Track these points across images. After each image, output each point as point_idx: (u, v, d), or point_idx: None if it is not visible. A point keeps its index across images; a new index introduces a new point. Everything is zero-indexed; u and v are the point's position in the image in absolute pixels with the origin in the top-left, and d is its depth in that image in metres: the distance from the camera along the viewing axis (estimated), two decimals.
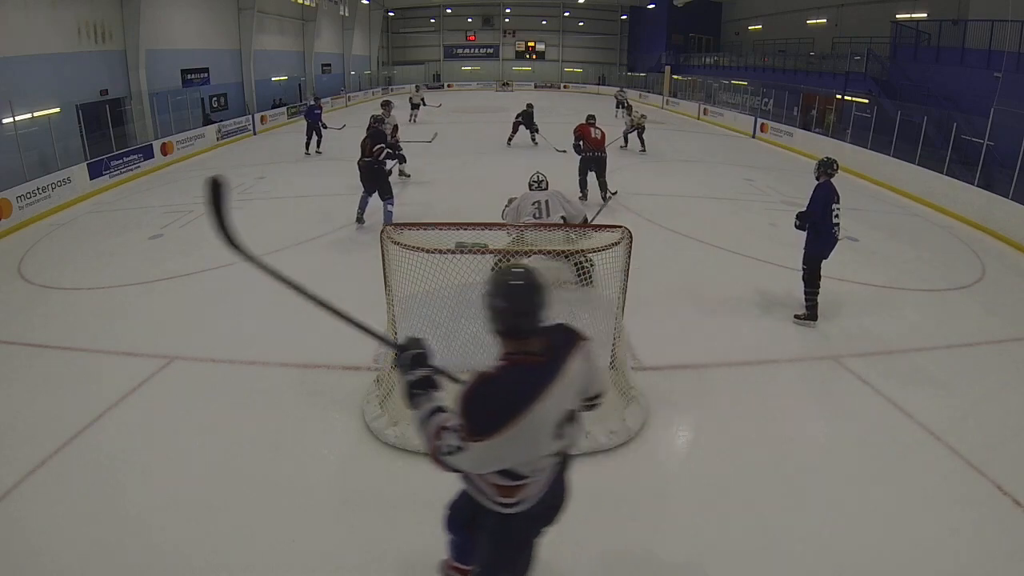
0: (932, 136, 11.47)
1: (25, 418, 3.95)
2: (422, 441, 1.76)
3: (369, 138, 7.61)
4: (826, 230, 5.14)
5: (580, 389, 1.82)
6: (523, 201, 5.79)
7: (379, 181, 7.59)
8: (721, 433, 3.86)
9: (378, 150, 7.51)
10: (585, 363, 1.80)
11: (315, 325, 5.20)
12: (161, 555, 2.86)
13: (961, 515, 3.18)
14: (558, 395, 1.69)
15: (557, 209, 5.66)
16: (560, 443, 1.79)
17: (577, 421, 1.83)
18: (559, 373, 1.71)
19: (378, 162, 7.51)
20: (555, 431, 1.73)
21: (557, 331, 1.83)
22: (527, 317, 1.72)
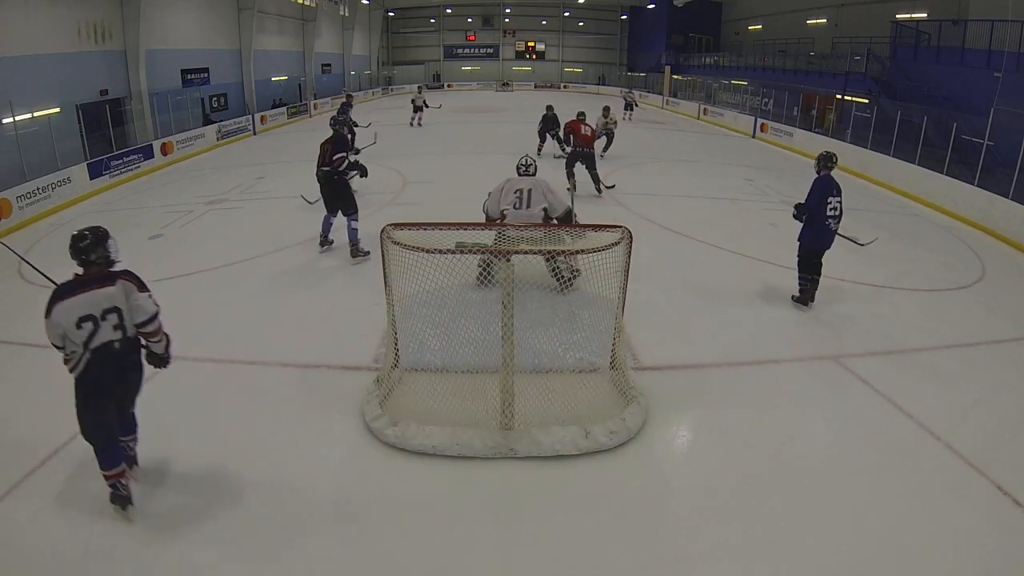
0: (932, 136, 11.47)
1: (25, 418, 3.95)
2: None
3: (330, 143, 6.48)
4: (820, 222, 5.36)
5: (107, 305, 2.92)
6: (507, 186, 5.61)
7: (340, 195, 6.54)
8: (721, 433, 3.86)
9: (339, 159, 6.39)
10: (121, 291, 3.02)
11: (315, 325, 5.25)
12: (161, 556, 2.86)
13: (961, 515, 3.18)
14: (78, 303, 2.84)
15: (539, 200, 5.45)
16: (99, 336, 2.85)
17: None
18: (81, 291, 2.88)
19: (338, 173, 6.43)
20: (81, 325, 2.80)
21: (107, 273, 3.11)
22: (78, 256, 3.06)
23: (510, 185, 5.60)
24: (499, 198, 5.58)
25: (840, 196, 5.42)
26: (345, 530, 3.08)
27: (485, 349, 3.83)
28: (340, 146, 6.46)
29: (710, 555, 2.91)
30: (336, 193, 6.52)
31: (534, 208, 5.41)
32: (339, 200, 6.55)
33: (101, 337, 2.83)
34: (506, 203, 5.46)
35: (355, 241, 6.59)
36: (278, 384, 4.32)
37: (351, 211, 6.56)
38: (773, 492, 3.33)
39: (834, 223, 5.40)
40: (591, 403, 3.81)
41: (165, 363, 3.25)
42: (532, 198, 5.44)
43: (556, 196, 5.59)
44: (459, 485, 3.35)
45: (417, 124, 18.24)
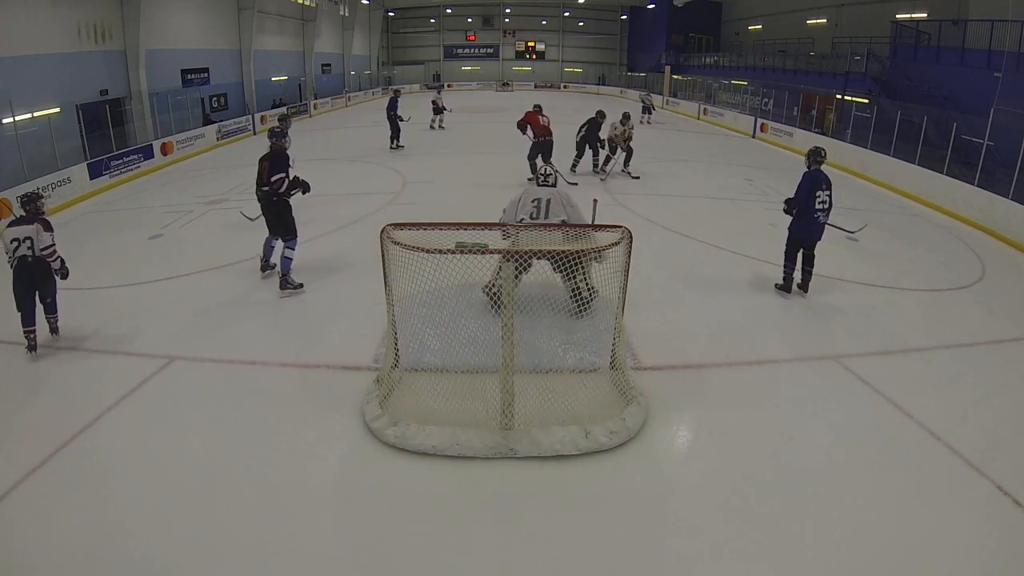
0: (932, 136, 11.47)
1: (25, 418, 3.95)
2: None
3: (268, 160, 5.74)
4: (809, 215, 5.61)
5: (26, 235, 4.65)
6: (525, 195, 5.40)
7: (281, 217, 5.82)
8: (721, 433, 3.86)
9: (277, 181, 5.65)
10: (35, 229, 4.66)
11: (315, 325, 5.24)
12: (161, 555, 2.86)
13: (961, 515, 3.18)
14: (14, 231, 4.64)
15: (558, 212, 5.24)
16: (19, 251, 4.62)
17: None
18: (18, 224, 4.69)
19: (277, 194, 5.71)
20: (12, 242, 4.62)
21: (32, 217, 4.74)
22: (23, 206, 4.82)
23: (527, 195, 5.38)
24: (516, 209, 5.35)
25: (829, 190, 5.66)
26: (345, 530, 3.08)
27: (485, 349, 3.83)
28: (279, 164, 5.70)
29: (710, 555, 2.91)
30: (276, 216, 5.84)
31: (551, 219, 5.18)
32: (279, 224, 5.87)
33: (20, 252, 4.64)
34: (523, 213, 5.26)
35: (285, 271, 5.86)
36: (278, 384, 4.32)
37: (289, 236, 5.85)
38: (773, 492, 3.33)
39: (823, 215, 5.66)
40: (591, 403, 3.81)
41: (63, 275, 4.95)
42: (550, 208, 5.24)
43: (576, 210, 5.31)
44: (459, 485, 3.35)
45: (438, 126, 17.59)
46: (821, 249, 6.00)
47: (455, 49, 40.33)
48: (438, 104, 17.85)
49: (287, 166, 5.77)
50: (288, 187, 5.76)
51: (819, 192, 5.58)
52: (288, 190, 5.77)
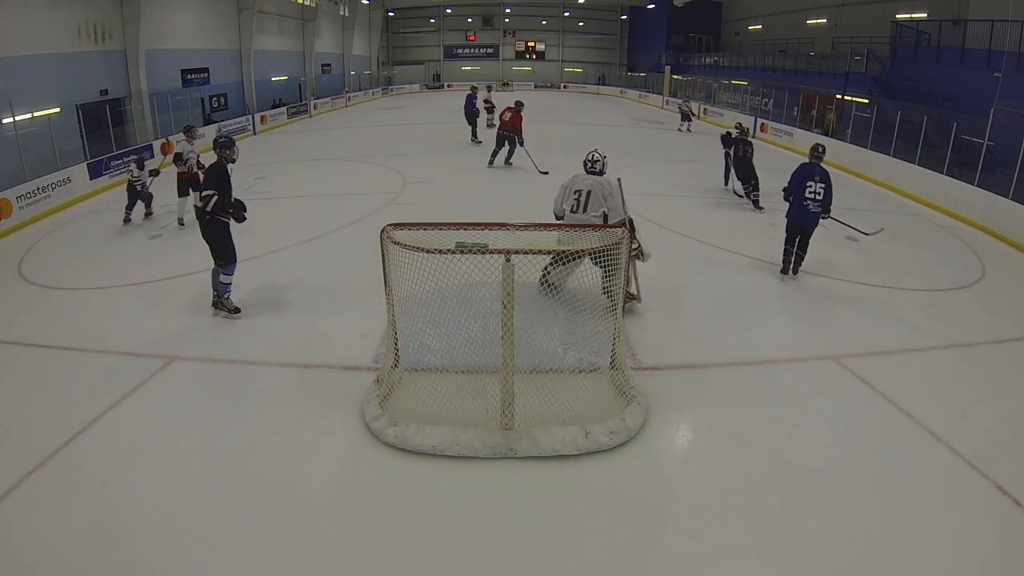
0: (932, 136, 11.47)
1: (25, 418, 3.95)
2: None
3: (205, 175, 5.21)
4: (798, 203, 6.09)
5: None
6: (571, 184, 5.38)
7: (212, 238, 5.14)
8: (721, 433, 3.86)
9: (206, 197, 4.99)
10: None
11: (315, 325, 5.24)
12: (161, 555, 2.86)
13: (961, 515, 3.18)
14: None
15: (598, 203, 5.18)
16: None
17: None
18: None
19: (209, 212, 5.02)
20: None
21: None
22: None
23: (574, 183, 5.37)
24: (563, 196, 5.41)
25: (824, 184, 6.07)
26: (345, 530, 3.08)
27: (485, 349, 3.83)
28: (211, 179, 5.06)
29: (710, 555, 2.91)
30: (208, 236, 5.15)
31: (590, 212, 5.21)
32: (211, 244, 5.17)
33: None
34: (566, 204, 5.34)
35: (223, 293, 5.34)
36: (278, 384, 4.32)
37: (222, 262, 5.19)
38: (773, 492, 3.33)
39: (812, 205, 6.08)
40: (591, 403, 3.81)
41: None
42: (590, 201, 5.19)
43: (615, 199, 5.26)
44: (459, 485, 3.35)
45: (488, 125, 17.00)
46: (822, 249, 6.05)
47: (455, 49, 40.31)
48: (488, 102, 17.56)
49: (221, 183, 5.03)
50: (216, 207, 4.99)
51: (810, 183, 6.03)
52: (215, 211, 5.00)
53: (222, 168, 5.12)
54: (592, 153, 5.44)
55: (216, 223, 5.11)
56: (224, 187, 5.06)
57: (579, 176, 5.39)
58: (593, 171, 5.40)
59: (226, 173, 5.13)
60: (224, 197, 5.05)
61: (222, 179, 5.07)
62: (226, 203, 5.07)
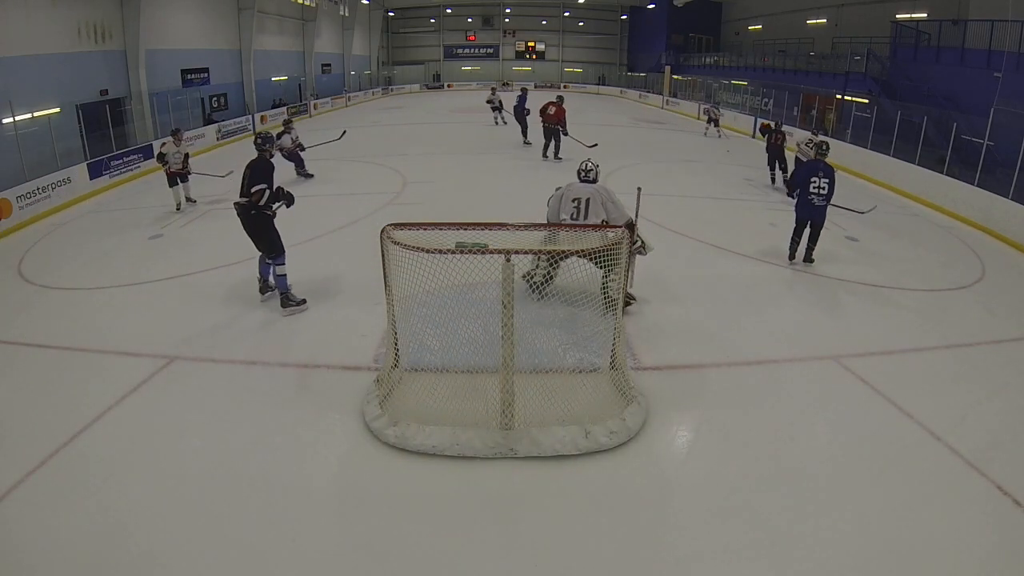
0: (932, 136, 11.47)
1: (25, 418, 3.95)
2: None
3: (250, 170, 5.24)
4: (803, 197, 6.50)
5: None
6: (566, 193, 5.36)
7: (259, 234, 5.32)
8: (721, 433, 3.86)
9: (257, 192, 5.13)
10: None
11: (315, 325, 5.24)
12: (161, 555, 2.86)
13: (961, 515, 3.18)
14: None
15: (598, 211, 5.19)
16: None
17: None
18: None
19: (257, 207, 5.18)
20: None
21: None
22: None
23: (569, 192, 5.33)
24: (558, 206, 5.38)
25: (828, 179, 6.45)
26: (345, 530, 3.08)
27: (485, 349, 3.83)
28: (259, 175, 5.19)
29: (710, 555, 2.91)
30: (255, 231, 5.30)
31: (590, 220, 5.20)
32: (259, 240, 5.36)
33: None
34: (564, 214, 5.30)
35: (283, 289, 5.47)
36: (278, 384, 4.32)
37: (274, 254, 5.39)
38: (773, 492, 3.33)
39: (817, 199, 6.45)
40: (591, 403, 3.81)
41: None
42: (590, 209, 5.21)
43: (618, 206, 5.28)
44: (459, 485, 3.35)
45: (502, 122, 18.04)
46: (822, 250, 6.04)
47: (455, 49, 40.31)
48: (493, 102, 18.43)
49: (268, 177, 5.23)
50: (269, 200, 5.22)
51: (814, 179, 6.40)
52: (269, 203, 5.23)
53: (267, 163, 5.32)
54: (585, 163, 5.48)
55: (262, 217, 5.27)
56: (272, 183, 5.29)
57: (573, 184, 5.39)
58: (587, 180, 5.40)
59: (271, 168, 5.34)
60: (276, 190, 5.33)
61: (269, 174, 5.28)
62: (279, 193, 5.36)
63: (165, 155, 8.97)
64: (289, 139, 11.02)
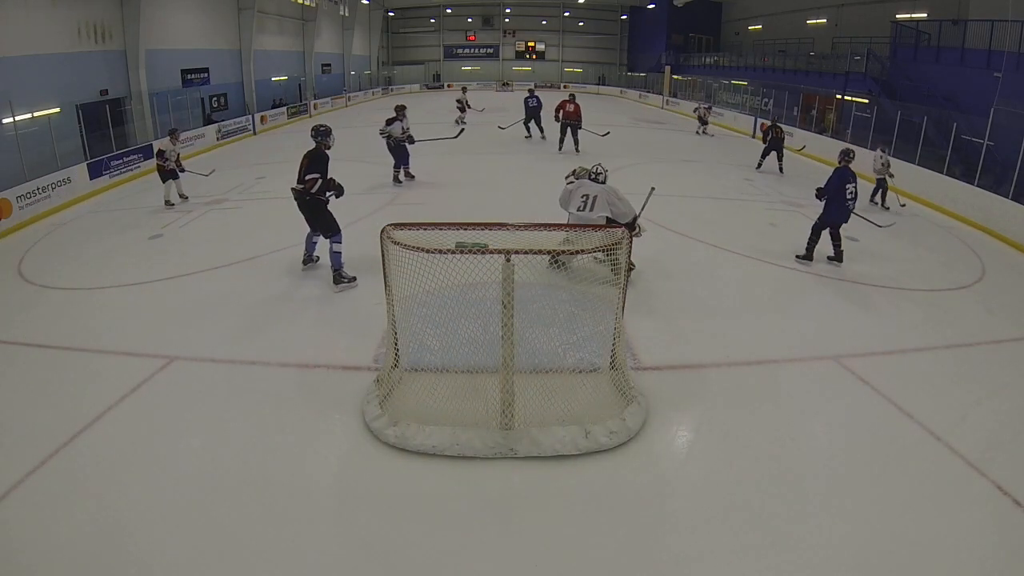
0: (932, 136, 11.46)
1: (25, 418, 3.94)
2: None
3: (307, 159, 5.77)
4: (839, 204, 6.61)
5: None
6: (577, 188, 5.98)
7: (316, 216, 5.95)
8: (721, 433, 3.86)
9: (310, 181, 5.66)
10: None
11: (315, 325, 5.24)
12: (161, 555, 2.86)
13: (961, 515, 3.18)
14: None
15: (603, 207, 5.76)
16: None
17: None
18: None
19: (310, 194, 5.74)
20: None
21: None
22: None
23: (580, 188, 5.95)
24: (569, 200, 6.02)
25: (856, 183, 6.69)
26: (345, 530, 3.08)
27: (485, 349, 3.84)
28: (316, 165, 5.74)
29: (710, 555, 2.91)
30: (312, 214, 5.96)
31: (595, 212, 5.77)
32: (317, 222, 5.99)
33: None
34: (574, 205, 5.91)
35: (337, 266, 5.96)
36: (278, 384, 4.32)
37: (331, 233, 5.93)
38: (773, 492, 3.33)
39: (852, 203, 6.65)
40: (591, 403, 3.81)
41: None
42: (596, 203, 5.79)
43: (621, 206, 5.83)
44: (459, 485, 3.35)
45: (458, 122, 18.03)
46: (821, 250, 6.06)
47: (455, 49, 40.31)
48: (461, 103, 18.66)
49: (324, 167, 5.77)
50: (320, 188, 5.75)
51: (848, 185, 6.58)
52: (320, 191, 5.77)
53: (323, 154, 5.84)
54: (596, 166, 6.12)
55: (316, 203, 5.87)
56: (326, 172, 5.79)
57: (584, 182, 6.04)
58: (596, 181, 6.01)
59: (327, 159, 5.85)
60: (328, 179, 5.82)
61: (324, 164, 5.81)
62: (329, 184, 5.84)
63: (164, 152, 9.24)
64: (400, 127, 10.41)
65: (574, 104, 13.50)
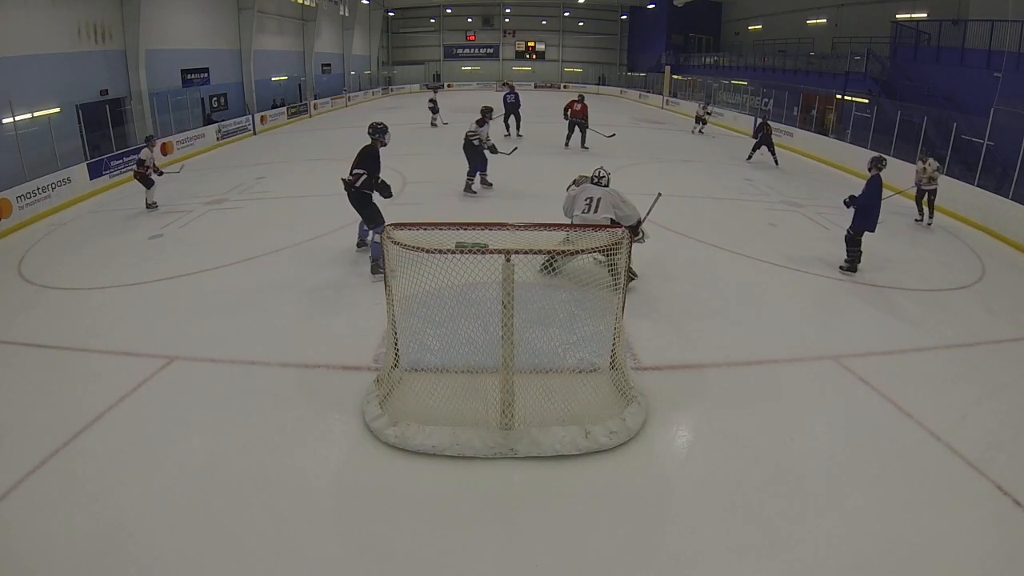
0: (932, 136, 11.46)
1: (25, 418, 3.95)
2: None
3: (359, 156, 6.10)
4: (875, 213, 6.44)
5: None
6: (581, 192, 6.02)
7: (360, 207, 6.23)
8: (721, 433, 3.86)
9: (356, 175, 6.00)
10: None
11: (315, 325, 5.24)
12: (161, 555, 2.86)
13: (961, 515, 3.18)
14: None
15: (607, 209, 5.79)
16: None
17: None
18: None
19: (355, 187, 6.05)
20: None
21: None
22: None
23: (584, 192, 5.99)
24: (572, 204, 6.06)
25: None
26: (345, 530, 3.08)
27: (485, 349, 3.84)
28: (366, 161, 6.03)
29: (710, 555, 2.91)
30: (357, 205, 6.23)
31: (600, 214, 5.81)
32: (361, 212, 6.29)
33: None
34: (578, 209, 5.94)
35: (376, 256, 6.12)
36: (278, 384, 4.32)
37: (374, 224, 6.19)
38: (773, 492, 3.33)
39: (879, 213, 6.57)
40: (591, 403, 3.81)
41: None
42: (600, 206, 5.83)
43: (627, 207, 5.87)
44: (459, 485, 3.35)
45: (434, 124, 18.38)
46: (821, 250, 6.06)
47: (455, 49, 40.29)
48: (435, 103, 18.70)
49: (372, 165, 6.03)
50: (363, 184, 6.01)
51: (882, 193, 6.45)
52: (363, 187, 6.02)
53: (375, 151, 6.13)
54: (598, 170, 6.12)
55: (362, 195, 6.12)
56: (374, 168, 6.07)
57: (587, 186, 6.06)
58: (599, 185, 6.04)
59: (378, 156, 6.15)
60: (372, 177, 6.06)
61: (374, 161, 6.07)
62: (372, 182, 6.07)
63: (145, 160, 9.11)
64: (486, 132, 9.83)
65: (582, 104, 14.16)
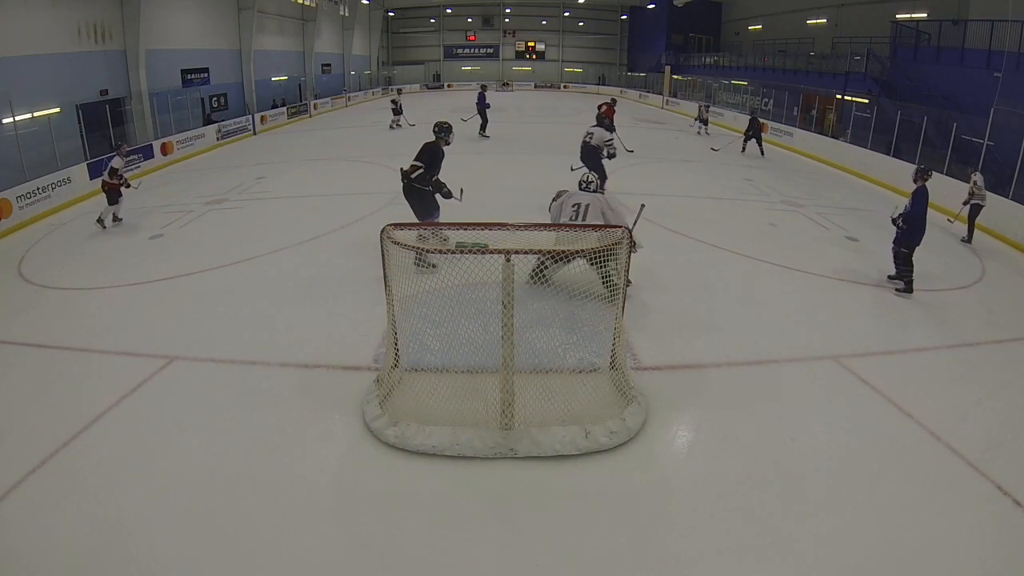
0: (932, 136, 11.46)
1: (25, 418, 3.95)
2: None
3: (421, 150, 6.20)
4: (923, 225, 6.00)
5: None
6: (567, 199, 5.81)
7: (412, 199, 6.30)
8: (721, 433, 3.86)
9: (411, 168, 6.08)
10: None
11: (315, 325, 5.24)
12: (161, 555, 2.86)
13: (961, 515, 3.18)
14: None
15: (596, 216, 5.60)
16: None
17: None
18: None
19: (409, 178, 6.13)
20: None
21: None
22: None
23: (570, 199, 5.78)
24: (559, 212, 5.85)
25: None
26: (345, 530, 3.08)
27: (485, 349, 3.84)
28: (424, 155, 6.12)
29: (710, 555, 2.91)
30: (409, 197, 6.27)
31: (588, 222, 5.56)
32: (411, 204, 6.29)
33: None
34: (564, 217, 5.72)
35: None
36: (278, 384, 4.32)
37: (423, 217, 6.22)
38: (773, 492, 3.33)
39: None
40: (591, 403, 3.81)
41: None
42: (588, 213, 5.63)
43: (617, 213, 5.69)
44: (459, 485, 3.35)
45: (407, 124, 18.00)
46: (822, 250, 6.06)
47: (455, 49, 40.29)
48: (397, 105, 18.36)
49: (431, 162, 6.11)
50: (418, 178, 6.07)
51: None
52: (419, 180, 6.08)
53: (437, 149, 6.22)
54: (586, 175, 6.07)
55: (414, 188, 6.17)
56: (432, 165, 6.14)
57: (573, 193, 5.85)
58: (586, 191, 5.88)
59: (439, 154, 6.22)
60: (429, 173, 6.12)
61: (433, 158, 6.16)
62: (427, 178, 6.12)
63: (118, 170, 8.37)
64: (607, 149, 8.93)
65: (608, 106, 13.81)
